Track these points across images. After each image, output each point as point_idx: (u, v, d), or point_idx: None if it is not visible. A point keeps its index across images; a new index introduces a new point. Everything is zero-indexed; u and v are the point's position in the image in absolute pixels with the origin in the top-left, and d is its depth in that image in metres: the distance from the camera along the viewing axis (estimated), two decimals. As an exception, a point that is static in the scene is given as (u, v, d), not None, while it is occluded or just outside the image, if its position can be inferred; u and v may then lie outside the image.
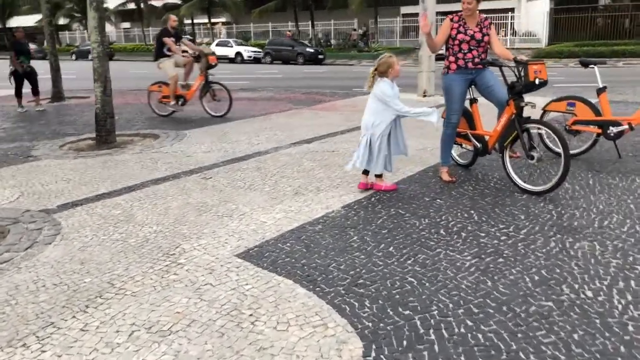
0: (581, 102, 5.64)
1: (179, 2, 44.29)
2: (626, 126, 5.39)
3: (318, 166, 5.85)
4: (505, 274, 3.15)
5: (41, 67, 13.53)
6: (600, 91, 5.66)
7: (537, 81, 4.43)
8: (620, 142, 5.88)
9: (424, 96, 11.22)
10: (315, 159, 6.18)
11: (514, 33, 34.88)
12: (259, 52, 33.81)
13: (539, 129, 4.57)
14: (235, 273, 3.25)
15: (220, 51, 34.66)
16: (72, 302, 2.96)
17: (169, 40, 9.44)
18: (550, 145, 5.76)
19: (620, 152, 5.81)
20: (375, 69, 4.66)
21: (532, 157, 4.53)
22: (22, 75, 11.12)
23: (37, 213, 4.52)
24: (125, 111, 10.68)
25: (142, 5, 47.46)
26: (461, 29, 4.90)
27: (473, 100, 5.17)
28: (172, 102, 9.54)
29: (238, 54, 33.83)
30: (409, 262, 3.36)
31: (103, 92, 7.41)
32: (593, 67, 5.75)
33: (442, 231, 3.85)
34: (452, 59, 4.99)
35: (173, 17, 9.84)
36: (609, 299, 2.84)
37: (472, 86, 5.09)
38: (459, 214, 4.20)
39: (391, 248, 3.58)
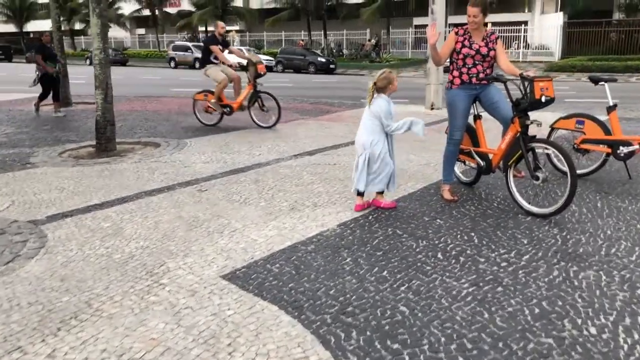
0: (590, 120, 5.44)
1: (193, 10, 44.46)
2: (637, 146, 5.19)
3: (318, 180, 5.69)
4: (503, 305, 2.96)
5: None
6: (610, 109, 5.46)
7: (543, 99, 4.25)
8: (630, 162, 5.67)
9: (432, 109, 11.05)
10: (316, 172, 6.02)
11: (527, 46, 34.63)
12: (270, 60, 33.78)
13: (545, 148, 4.38)
14: (219, 296, 3.09)
15: (233, 59, 34.78)
16: (44, 324, 2.81)
17: (216, 49, 9.00)
18: (558, 164, 5.57)
19: (630, 173, 5.60)
20: (375, 84, 4.52)
21: (537, 178, 4.34)
22: (50, 79, 11.06)
23: (25, 224, 4.40)
24: (130, 118, 10.60)
25: (156, 12, 47.73)
26: (466, 42, 4.74)
27: (477, 117, 5.00)
28: (213, 101, 9.17)
29: (250, 62, 33.75)
30: (403, 288, 3.18)
31: (104, 99, 7.32)
32: (603, 84, 5.56)
33: (439, 255, 3.67)
34: (456, 73, 4.83)
35: (221, 23, 9.40)
36: (614, 337, 2.64)
37: (477, 102, 4.92)
38: (458, 235, 4.01)
39: (385, 272, 3.40)
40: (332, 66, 31.05)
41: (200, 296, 3.10)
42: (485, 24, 4.84)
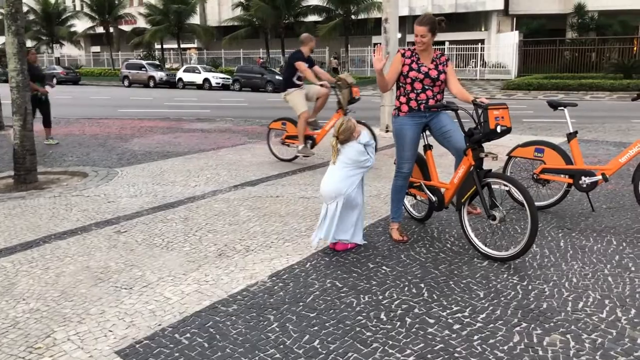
0: (550, 148, 5.03)
1: (148, 27, 43.53)
2: (599, 177, 4.79)
3: (255, 217, 5.10)
4: (455, 388, 2.42)
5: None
6: (571, 136, 5.06)
7: (498, 129, 3.79)
8: (592, 193, 5.28)
9: (387, 131, 10.61)
10: (255, 207, 5.43)
11: (484, 64, 35.00)
12: (227, 79, 33.18)
13: (502, 184, 3.89)
14: (102, 386, 2.46)
15: (188, 77, 34.03)
16: None
17: (302, 66, 7.44)
18: (516, 194, 5.12)
19: (593, 205, 5.20)
20: (337, 138, 4.04)
21: (493, 218, 3.86)
22: (36, 103, 9.11)
23: None
24: (64, 143, 9.80)
25: (110, 29, 46.57)
26: (414, 65, 4.26)
27: (428, 147, 4.51)
28: (301, 146, 7.54)
29: (206, 80, 33.13)
30: (335, 365, 2.61)
31: (23, 127, 6.58)
32: (563, 110, 5.17)
33: (382, 315, 3.11)
34: (403, 99, 4.33)
35: (312, 38, 7.75)
36: None
37: (426, 130, 4.44)
38: (406, 288, 3.47)
39: (316, 342, 2.83)
40: (290, 84, 30.51)
41: (78, 387, 2.45)
42: (438, 44, 4.37)
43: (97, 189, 6.26)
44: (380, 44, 4.47)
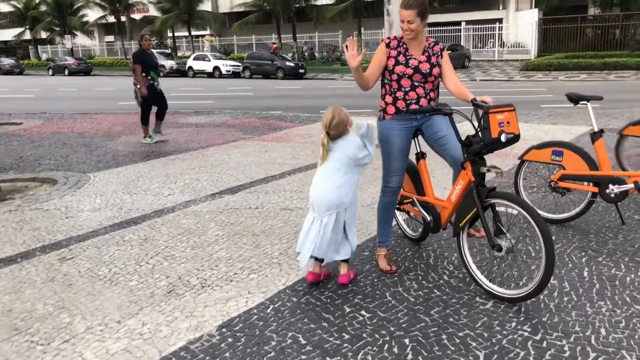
0: (571, 151, 4.22)
1: (158, 15, 42.88)
2: (631, 185, 3.97)
3: (225, 237, 4.40)
4: None
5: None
6: (595, 136, 4.24)
7: (503, 137, 3.01)
8: (622, 203, 4.47)
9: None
10: (228, 223, 4.73)
11: (502, 44, 33.72)
12: (238, 66, 32.40)
13: (509, 207, 3.10)
14: None
15: (198, 65, 33.35)
16: None
17: None
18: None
19: (623, 217, 4.38)
20: (327, 135, 3.28)
21: (499, 248, 3.08)
22: (153, 94, 8.68)
23: None
24: (47, 144, 9.18)
25: (122, 18, 46.03)
26: (401, 58, 3.48)
27: (420, 155, 3.74)
28: None
29: (216, 68, 32.42)
30: None
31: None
32: (585, 104, 4.35)
33: (349, 392, 2.39)
34: (388, 99, 3.56)
35: None
36: None
37: (418, 136, 3.67)
38: (386, 346, 2.73)
39: None
40: (301, 71, 29.69)
41: None
42: (453, 25, 3.55)
43: (60, 201, 5.61)
44: (352, 36, 3.69)
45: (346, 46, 3.37)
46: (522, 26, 33.17)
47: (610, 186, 4.04)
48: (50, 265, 3.95)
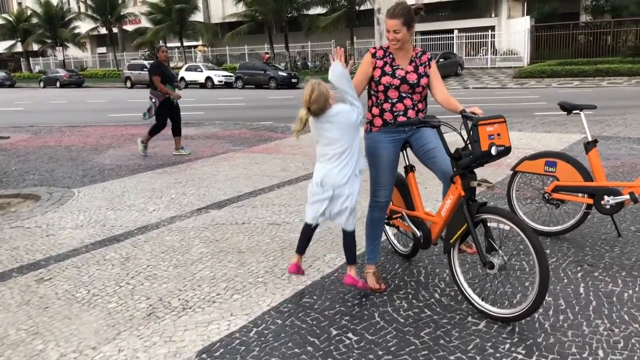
0: (564, 162, 4.11)
1: (150, 26, 42.79)
2: (626, 197, 3.86)
3: (209, 254, 4.25)
4: None
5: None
6: (589, 146, 4.13)
7: (493, 150, 2.89)
8: (618, 215, 4.35)
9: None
10: (213, 240, 4.59)
11: (494, 52, 33.78)
12: (230, 76, 32.33)
13: (501, 222, 2.97)
14: None
15: (190, 76, 33.25)
16: None
17: None
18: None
19: (619, 229, 4.26)
20: (308, 110, 3.13)
21: (491, 265, 2.95)
22: (168, 109, 8.46)
23: None
24: (33, 158, 9.02)
25: (113, 29, 45.94)
26: (387, 68, 3.36)
27: (409, 168, 3.61)
28: None
29: (208, 79, 32.32)
30: None
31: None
32: (579, 113, 4.24)
33: None
34: (375, 111, 3.44)
35: None
36: None
37: (407, 148, 3.54)
38: (373, 372, 2.60)
39: None
40: (294, 80, 29.65)
41: None
42: (445, 33, 3.44)
43: (42, 217, 5.46)
44: (339, 46, 3.58)
45: (331, 56, 3.25)
46: (514, 34, 33.23)
47: (606, 197, 3.92)
48: (27, 287, 3.80)
